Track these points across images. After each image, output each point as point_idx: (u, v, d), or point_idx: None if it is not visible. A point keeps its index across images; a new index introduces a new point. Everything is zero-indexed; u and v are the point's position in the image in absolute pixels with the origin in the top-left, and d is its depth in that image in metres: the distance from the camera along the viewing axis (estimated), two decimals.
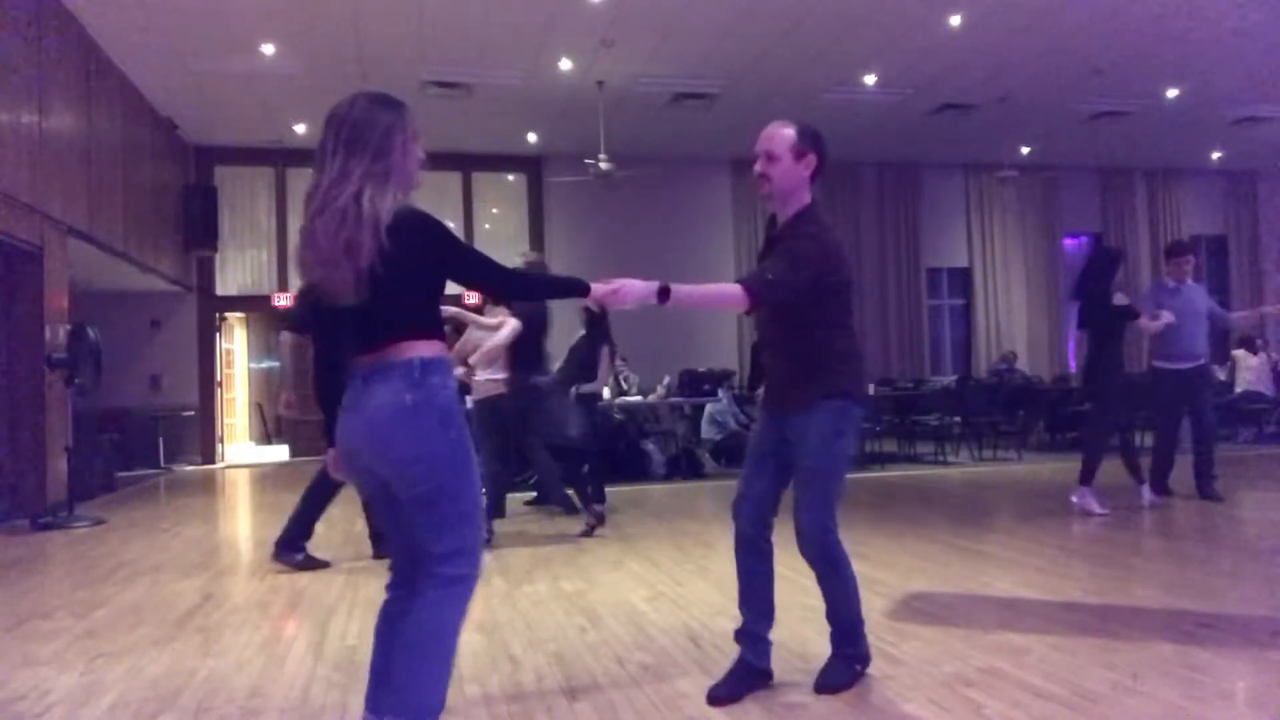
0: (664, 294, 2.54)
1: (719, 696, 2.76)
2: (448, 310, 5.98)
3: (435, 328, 2.27)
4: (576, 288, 2.44)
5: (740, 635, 2.92)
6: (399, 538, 2.33)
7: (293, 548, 4.97)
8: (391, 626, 2.27)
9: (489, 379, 6.64)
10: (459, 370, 6.86)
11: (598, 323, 7.17)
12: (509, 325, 6.41)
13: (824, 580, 2.87)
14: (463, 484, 2.21)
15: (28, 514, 7.07)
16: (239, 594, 4.44)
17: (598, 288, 2.45)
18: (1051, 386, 12.52)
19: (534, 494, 7.31)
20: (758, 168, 2.83)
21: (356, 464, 2.26)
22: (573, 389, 7.10)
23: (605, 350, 7.18)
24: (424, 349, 2.19)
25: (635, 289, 2.50)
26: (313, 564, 4.97)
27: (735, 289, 2.65)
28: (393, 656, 2.21)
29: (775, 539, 2.90)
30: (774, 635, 2.89)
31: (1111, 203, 15.44)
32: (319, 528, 6.51)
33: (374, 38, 8.95)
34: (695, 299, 2.70)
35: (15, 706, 2.91)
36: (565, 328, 7.82)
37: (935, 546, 5.13)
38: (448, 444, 2.18)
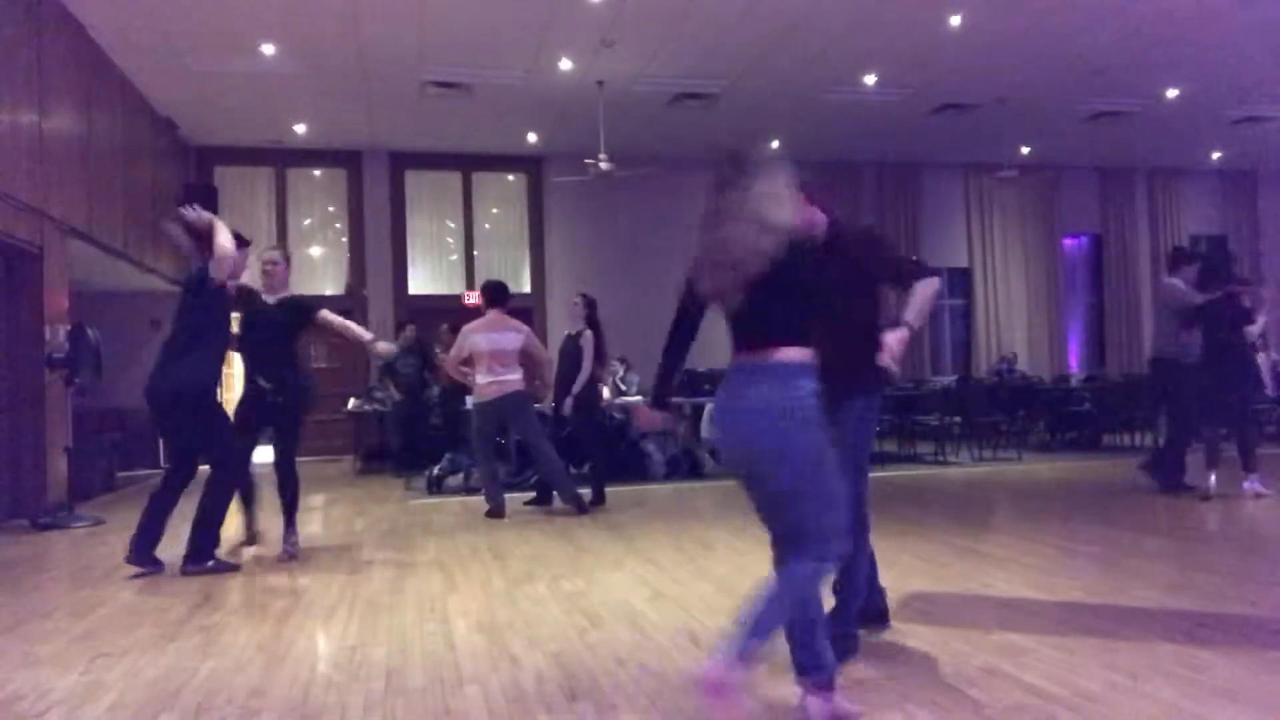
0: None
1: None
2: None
3: (808, 336, 2.51)
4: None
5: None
6: (767, 521, 2.58)
7: (201, 557, 4.94)
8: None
9: (490, 381, 6.66)
10: (464, 373, 6.88)
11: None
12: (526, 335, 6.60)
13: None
14: (817, 481, 2.43)
15: (28, 514, 7.06)
16: (239, 594, 4.45)
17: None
18: (1052, 386, 12.52)
19: (534, 494, 7.31)
20: None
21: (729, 451, 2.56)
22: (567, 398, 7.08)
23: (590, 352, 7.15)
24: (795, 355, 2.45)
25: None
26: (224, 567, 4.99)
27: (931, 283, 3.00)
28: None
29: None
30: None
31: (1111, 203, 15.44)
32: (317, 530, 6.51)
33: (374, 38, 8.95)
34: (920, 314, 2.98)
35: (15, 706, 2.91)
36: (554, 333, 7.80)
37: (935, 546, 5.13)
38: (805, 444, 2.41)
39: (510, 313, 6.93)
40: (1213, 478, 6.50)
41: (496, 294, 6.86)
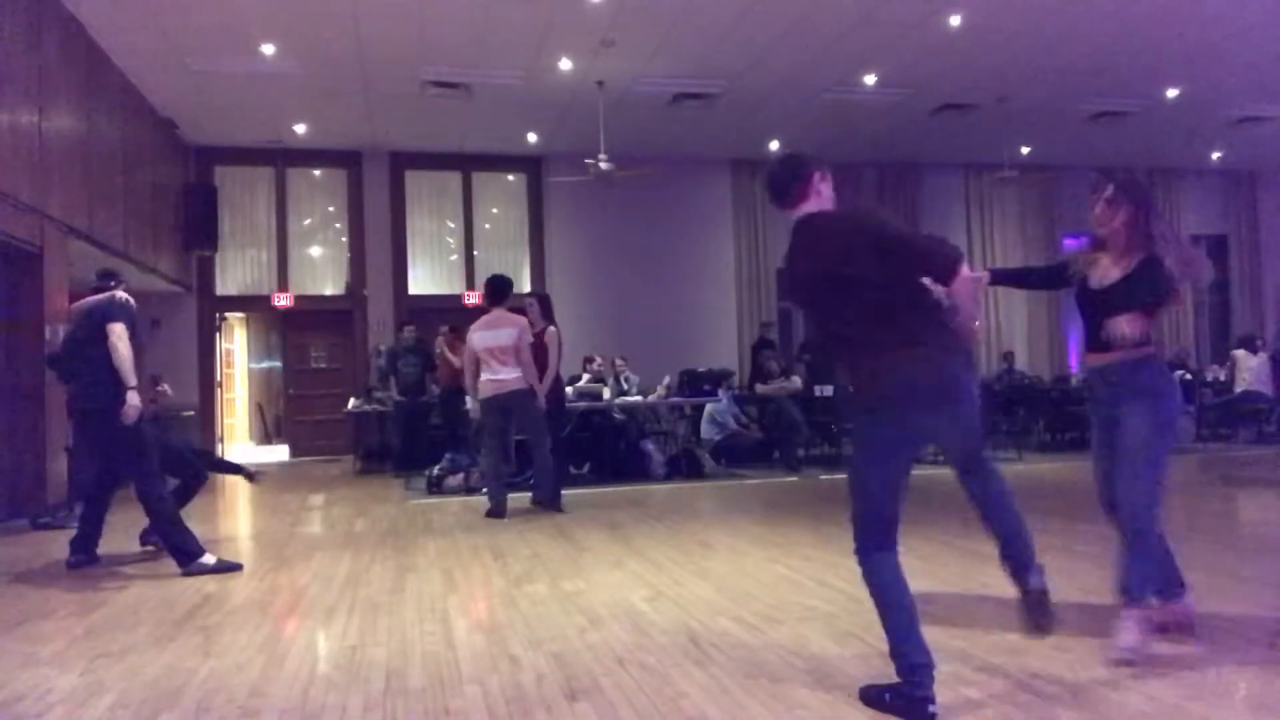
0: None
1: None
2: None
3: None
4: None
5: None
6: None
7: (190, 556, 4.95)
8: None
9: (489, 379, 6.66)
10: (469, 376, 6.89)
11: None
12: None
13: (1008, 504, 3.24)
14: (1157, 441, 3.21)
15: (28, 514, 7.06)
16: (239, 594, 4.44)
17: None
18: (1051, 386, 12.52)
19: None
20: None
21: None
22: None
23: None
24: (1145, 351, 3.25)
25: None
26: (225, 567, 5.01)
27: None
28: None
29: (769, 538, 2.90)
30: (775, 635, 2.88)
31: None
32: (318, 530, 6.51)
33: (374, 38, 8.95)
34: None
35: (16, 706, 2.91)
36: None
37: (935, 546, 5.12)
38: (1157, 417, 3.21)
39: (513, 311, 6.94)
40: None
41: (495, 291, 6.88)
